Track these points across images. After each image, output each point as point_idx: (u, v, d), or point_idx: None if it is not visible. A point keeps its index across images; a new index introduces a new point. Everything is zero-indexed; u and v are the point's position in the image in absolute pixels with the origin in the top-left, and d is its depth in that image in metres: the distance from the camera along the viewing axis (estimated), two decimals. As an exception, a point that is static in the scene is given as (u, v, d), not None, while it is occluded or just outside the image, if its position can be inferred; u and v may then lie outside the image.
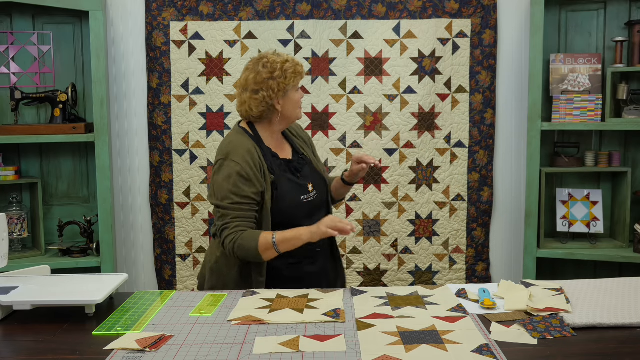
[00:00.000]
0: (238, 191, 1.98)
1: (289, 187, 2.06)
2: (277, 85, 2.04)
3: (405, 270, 3.36)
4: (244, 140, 2.07)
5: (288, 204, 2.04)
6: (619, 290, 1.86)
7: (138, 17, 3.26)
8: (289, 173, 2.10)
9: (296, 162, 2.14)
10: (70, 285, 1.88)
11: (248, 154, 2.02)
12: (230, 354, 1.45)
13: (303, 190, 2.09)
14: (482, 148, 3.31)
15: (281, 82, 2.04)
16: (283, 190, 2.05)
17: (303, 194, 2.08)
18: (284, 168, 2.10)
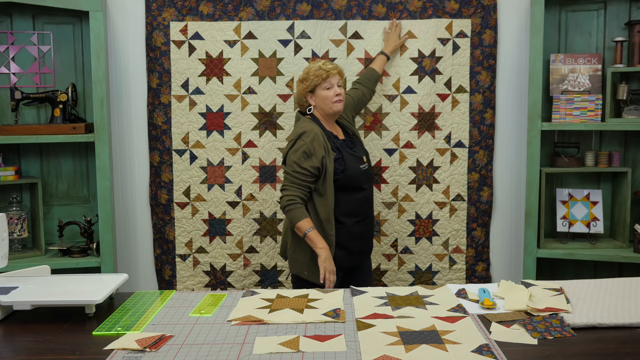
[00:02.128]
0: (299, 163, 2.59)
1: (351, 159, 2.69)
2: (305, 86, 2.74)
3: (405, 270, 3.36)
4: (313, 126, 2.68)
5: (353, 172, 2.66)
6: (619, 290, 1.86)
7: (138, 17, 3.26)
8: (348, 149, 2.73)
9: (349, 141, 2.78)
10: (70, 285, 1.88)
11: (315, 136, 2.62)
12: (230, 354, 1.45)
13: (360, 161, 2.72)
14: (482, 148, 3.31)
15: (307, 83, 2.73)
16: (348, 161, 2.66)
17: (361, 163, 2.72)
18: (344, 146, 2.72)
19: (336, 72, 2.73)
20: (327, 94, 2.70)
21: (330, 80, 2.70)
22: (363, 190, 2.71)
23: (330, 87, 2.70)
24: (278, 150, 3.27)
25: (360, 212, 2.72)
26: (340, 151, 2.68)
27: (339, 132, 2.80)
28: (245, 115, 3.27)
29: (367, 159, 2.79)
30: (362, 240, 2.75)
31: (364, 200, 2.72)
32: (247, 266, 3.34)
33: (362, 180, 2.70)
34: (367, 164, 2.77)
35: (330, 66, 2.73)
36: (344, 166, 2.65)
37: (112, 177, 3.25)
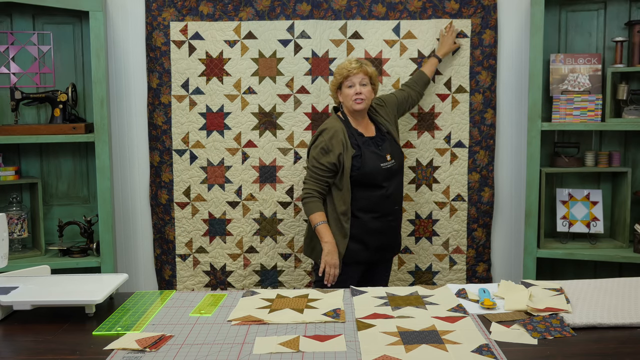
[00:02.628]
0: (318, 159, 2.71)
1: (371, 156, 2.71)
2: (333, 83, 2.82)
3: (405, 270, 3.36)
4: (336, 123, 2.76)
5: (370, 169, 2.69)
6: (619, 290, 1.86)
7: (138, 17, 3.26)
8: (372, 147, 2.74)
9: (378, 138, 2.79)
10: (70, 285, 1.88)
11: (335, 133, 2.71)
12: (230, 354, 1.45)
13: (382, 159, 2.73)
14: (482, 148, 3.31)
15: (334, 80, 2.82)
16: (366, 158, 2.70)
17: (383, 162, 2.73)
18: (368, 143, 2.75)
19: (359, 71, 2.73)
20: (348, 92, 2.74)
21: (352, 78, 2.72)
22: (382, 188, 2.72)
23: (351, 86, 2.73)
24: (278, 150, 3.27)
25: (378, 209, 2.74)
26: (361, 148, 2.71)
27: (369, 129, 2.82)
28: (245, 115, 3.27)
29: (393, 158, 2.78)
30: (381, 236, 2.77)
31: (382, 197, 2.73)
32: (247, 266, 3.34)
33: (380, 178, 2.71)
34: (393, 163, 2.77)
35: (355, 65, 2.74)
36: (361, 163, 2.69)
37: (112, 177, 3.25)
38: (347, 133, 2.73)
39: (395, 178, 2.79)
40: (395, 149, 2.83)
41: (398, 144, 2.88)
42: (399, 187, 2.84)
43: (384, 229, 2.77)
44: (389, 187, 2.74)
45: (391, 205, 2.78)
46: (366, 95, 2.74)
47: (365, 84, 2.74)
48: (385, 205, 2.75)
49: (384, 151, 2.76)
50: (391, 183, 2.76)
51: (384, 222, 2.76)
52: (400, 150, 2.88)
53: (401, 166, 2.86)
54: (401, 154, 2.88)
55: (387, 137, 2.83)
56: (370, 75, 2.78)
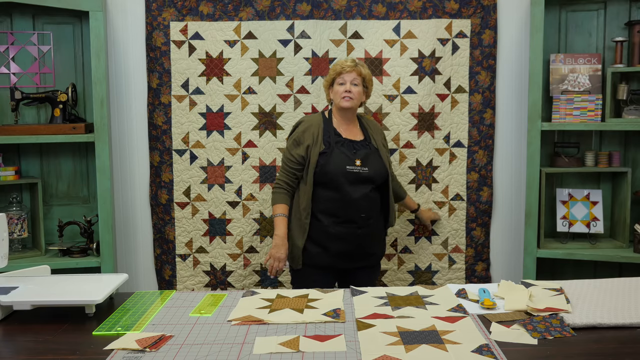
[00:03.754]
0: (289, 149, 2.73)
1: (339, 157, 2.63)
2: (326, 79, 2.81)
3: (404, 270, 3.36)
4: (314, 117, 2.78)
5: (333, 169, 2.61)
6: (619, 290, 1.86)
7: (138, 17, 3.26)
8: (344, 148, 2.67)
9: (358, 144, 2.72)
10: (70, 285, 1.88)
11: (309, 126, 2.71)
12: (230, 354, 1.45)
13: (350, 162, 2.63)
14: (481, 148, 3.31)
15: (327, 77, 2.80)
16: (333, 157, 2.63)
17: (350, 164, 2.63)
18: (342, 143, 2.69)
19: (352, 70, 2.71)
20: (338, 89, 2.72)
21: (344, 76, 2.71)
22: (344, 192, 2.62)
23: (343, 83, 2.71)
24: (278, 150, 3.27)
25: (340, 213, 2.64)
26: (331, 146, 2.66)
27: (353, 133, 2.77)
28: (245, 115, 3.27)
29: (367, 166, 2.66)
30: (343, 243, 2.66)
31: (345, 202, 2.62)
32: (247, 266, 3.34)
33: (342, 180, 2.61)
34: (365, 170, 2.65)
35: (349, 63, 2.73)
36: (325, 161, 2.63)
37: (112, 177, 3.25)
38: (322, 129, 2.70)
39: (364, 186, 2.65)
40: (376, 162, 2.71)
41: (383, 161, 2.75)
42: (370, 196, 2.68)
43: (347, 235, 2.65)
44: (352, 192, 2.62)
45: (355, 212, 2.63)
46: (355, 95, 2.70)
47: (357, 84, 2.71)
48: (347, 211, 2.63)
49: (356, 155, 2.67)
50: (357, 189, 2.63)
51: (347, 228, 2.64)
52: (384, 166, 2.74)
53: (379, 178, 2.71)
54: (383, 170, 2.73)
55: (371, 148, 2.75)
56: (364, 76, 2.75)
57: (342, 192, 2.62)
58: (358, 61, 2.79)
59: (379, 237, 2.81)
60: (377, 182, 2.70)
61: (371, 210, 2.68)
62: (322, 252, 2.67)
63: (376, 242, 2.80)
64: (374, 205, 2.71)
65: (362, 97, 2.78)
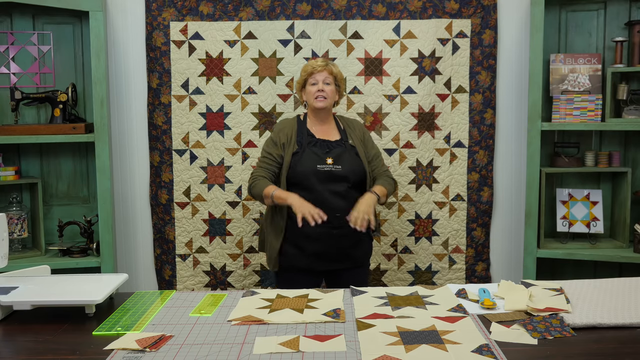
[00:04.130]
0: (267, 149, 2.72)
1: (310, 156, 2.62)
2: (298, 81, 2.79)
3: (405, 270, 3.36)
4: (288, 120, 2.81)
5: (304, 168, 2.60)
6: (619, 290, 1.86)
7: (138, 17, 3.26)
8: (317, 148, 2.66)
9: (332, 144, 2.69)
10: (70, 285, 1.88)
11: (283, 127, 2.74)
12: (230, 354, 1.45)
13: (321, 161, 2.61)
14: (482, 148, 3.31)
15: (299, 79, 2.77)
16: (303, 157, 2.62)
17: (321, 163, 2.61)
18: (314, 144, 2.67)
19: (323, 69, 2.69)
20: (310, 90, 2.70)
21: (316, 76, 2.68)
22: (314, 191, 2.57)
23: (315, 83, 2.68)
24: (278, 150, 3.27)
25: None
26: (303, 147, 2.65)
27: (328, 133, 2.73)
28: (245, 115, 3.27)
29: (341, 164, 2.61)
30: (318, 243, 2.59)
31: (318, 201, 2.53)
32: (247, 266, 3.34)
33: (313, 179, 2.58)
34: (338, 168, 2.60)
35: (320, 63, 2.71)
36: (296, 161, 2.61)
37: (112, 177, 3.25)
38: (296, 130, 2.70)
39: (338, 184, 2.60)
40: (351, 160, 2.65)
41: (359, 159, 2.68)
42: (346, 195, 2.60)
43: (321, 236, 2.57)
44: (324, 191, 2.57)
45: (328, 211, 2.52)
46: (328, 94, 2.68)
47: (329, 83, 2.69)
48: (321, 209, 2.50)
49: (328, 154, 2.63)
50: (329, 188, 2.58)
51: (322, 228, 2.52)
52: (360, 164, 2.67)
53: (354, 175, 2.64)
54: (359, 168, 2.66)
55: (346, 147, 2.69)
56: (335, 75, 2.73)
57: (314, 192, 2.57)
58: (329, 61, 2.78)
59: (359, 237, 2.67)
60: (353, 180, 2.64)
61: (347, 210, 2.57)
62: (299, 253, 2.62)
63: (357, 243, 2.68)
64: (351, 205, 2.58)
65: (335, 95, 2.76)
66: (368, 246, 2.79)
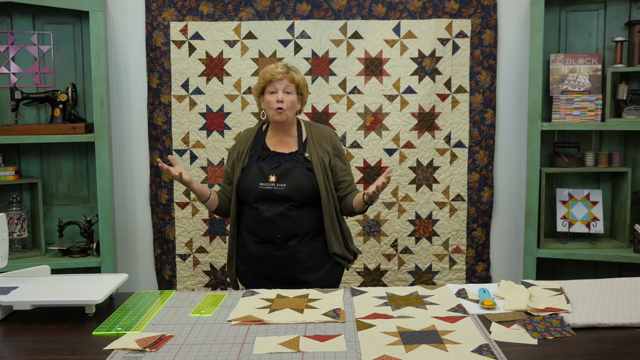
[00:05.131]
0: (225, 166, 2.57)
1: (254, 173, 2.41)
2: (257, 88, 2.50)
3: (405, 270, 3.36)
4: (249, 130, 2.57)
5: (246, 186, 2.40)
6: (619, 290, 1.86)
7: (138, 17, 3.26)
8: (264, 163, 2.42)
9: (284, 157, 2.43)
10: (70, 285, 1.88)
11: (240, 140, 2.53)
12: (230, 354, 1.45)
13: (263, 178, 2.38)
14: (482, 148, 3.31)
15: (257, 85, 2.49)
16: (249, 174, 2.41)
17: (262, 181, 2.38)
18: (263, 158, 2.44)
19: (284, 77, 2.40)
20: (269, 99, 2.41)
21: (275, 84, 2.40)
22: (255, 210, 2.37)
23: (274, 92, 2.40)
24: (278, 150, 3.27)
25: (257, 232, 2.39)
26: (252, 161, 2.43)
27: (284, 144, 2.47)
28: (245, 115, 3.27)
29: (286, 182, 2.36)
30: (262, 264, 2.39)
31: (261, 220, 2.36)
32: (247, 266, 3.34)
33: (253, 197, 2.37)
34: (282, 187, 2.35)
35: (280, 69, 2.42)
36: (242, 177, 2.42)
37: (112, 177, 3.25)
38: (251, 142, 2.49)
39: (280, 204, 2.35)
40: (298, 177, 2.37)
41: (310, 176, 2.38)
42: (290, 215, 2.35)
43: (263, 256, 2.38)
44: (266, 210, 2.34)
45: (270, 231, 2.35)
46: (288, 105, 2.40)
47: (290, 92, 2.41)
48: (262, 229, 2.37)
49: (273, 171, 2.39)
50: (271, 207, 2.35)
51: (265, 248, 2.37)
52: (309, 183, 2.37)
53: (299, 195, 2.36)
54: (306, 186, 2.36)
55: (298, 161, 2.41)
56: (297, 83, 2.45)
57: (256, 210, 2.38)
58: (290, 66, 2.49)
59: (309, 262, 2.39)
60: (300, 200, 2.36)
61: (293, 231, 2.36)
62: (247, 271, 2.47)
63: (304, 268, 2.39)
64: (298, 226, 2.37)
65: (297, 105, 2.48)
66: (333, 273, 2.48)
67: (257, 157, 2.43)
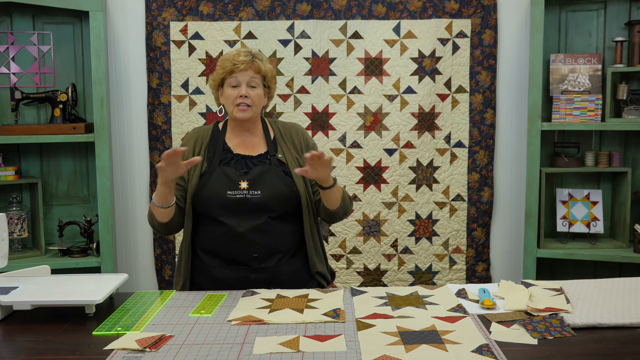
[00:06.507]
0: None
1: (219, 180, 2.00)
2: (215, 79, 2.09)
3: (405, 270, 3.36)
4: (200, 129, 2.15)
5: (209, 195, 1.99)
6: (619, 290, 1.86)
7: (138, 17, 3.26)
8: (230, 167, 2.03)
9: (252, 160, 2.06)
10: (70, 285, 1.88)
11: (192, 139, 2.11)
12: (230, 354, 1.45)
13: (232, 186, 1.99)
14: (482, 148, 3.31)
15: (215, 75, 2.09)
16: (211, 181, 2.00)
17: (231, 189, 1.98)
18: (228, 162, 2.04)
19: (248, 67, 2.01)
20: (230, 94, 2.03)
21: (237, 76, 2.02)
22: (225, 225, 1.99)
23: (236, 86, 2.03)
24: (278, 150, 3.27)
25: (225, 252, 2.02)
26: (212, 166, 2.04)
27: (249, 146, 2.10)
28: (245, 115, 3.26)
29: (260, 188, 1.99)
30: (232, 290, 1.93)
31: (229, 238, 1.99)
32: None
33: (219, 210, 1.99)
34: (257, 195, 1.99)
35: (243, 57, 2.01)
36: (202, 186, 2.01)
37: (112, 177, 3.25)
38: (207, 143, 2.09)
39: (256, 215, 1.99)
40: (274, 182, 2.02)
41: (287, 180, 2.04)
42: (267, 229, 2.00)
43: (236, 282, 1.98)
44: (237, 225, 1.97)
45: (242, 250, 2.00)
46: (254, 101, 2.02)
47: (255, 86, 2.04)
48: (231, 248, 2.00)
49: (243, 176, 2.01)
50: (244, 221, 1.98)
51: (237, 272, 2.01)
52: (291, 186, 2.04)
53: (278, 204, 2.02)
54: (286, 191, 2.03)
55: (271, 163, 2.05)
56: (264, 74, 2.06)
57: (224, 225, 1.99)
58: (255, 52, 2.07)
59: (290, 285, 1.99)
60: (279, 209, 2.02)
61: (272, 248, 2.02)
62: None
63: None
64: (278, 241, 2.03)
65: (264, 100, 2.10)
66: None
67: (219, 161, 2.04)
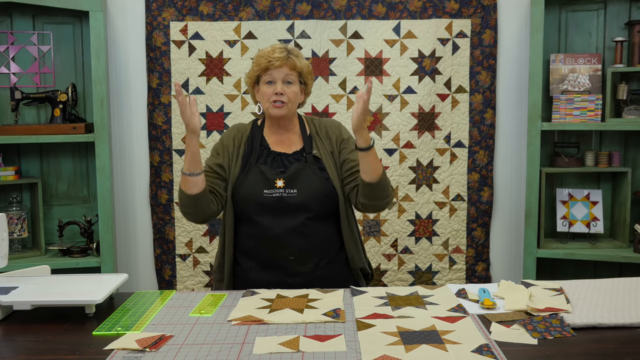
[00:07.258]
0: (207, 161, 2.10)
1: (256, 178, 1.99)
2: (250, 77, 2.10)
3: (405, 270, 3.36)
4: (241, 125, 2.17)
5: (246, 194, 1.98)
6: (619, 290, 1.86)
7: (138, 17, 3.26)
8: (267, 165, 2.01)
9: (288, 158, 2.03)
10: (70, 285, 1.88)
11: (231, 134, 2.11)
12: (230, 354, 1.45)
13: (268, 184, 1.96)
14: (482, 148, 3.31)
15: (250, 73, 2.09)
16: (247, 179, 1.99)
17: (268, 187, 1.95)
18: (265, 160, 2.03)
19: (283, 64, 1.99)
20: (265, 91, 2.01)
21: (273, 73, 2.00)
22: (257, 225, 1.96)
23: (271, 82, 2.01)
24: (278, 150, 3.27)
25: (260, 255, 1.99)
26: (249, 163, 2.01)
27: (285, 143, 2.08)
28: (245, 115, 3.26)
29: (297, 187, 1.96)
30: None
31: (265, 240, 1.97)
32: (247, 266, 3.34)
33: (256, 209, 1.96)
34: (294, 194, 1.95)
35: (278, 54, 1.99)
36: (240, 185, 1.99)
37: (112, 177, 3.25)
38: (246, 140, 2.06)
39: (293, 216, 1.95)
40: (311, 180, 1.98)
41: (324, 178, 2.01)
42: (304, 231, 1.97)
43: (271, 286, 1.93)
44: (273, 226, 1.94)
45: (279, 252, 1.96)
46: (290, 98, 2.00)
47: (292, 82, 2.01)
48: (267, 250, 1.97)
49: (280, 174, 1.97)
50: (280, 221, 1.94)
51: (273, 276, 1.97)
52: (327, 184, 2.00)
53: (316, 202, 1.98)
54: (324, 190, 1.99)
55: (307, 161, 2.02)
56: (300, 70, 2.04)
57: (259, 226, 1.96)
58: (291, 49, 2.05)
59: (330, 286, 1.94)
60: (316, 209, 1.97)
61: (310, 251, 1.98)
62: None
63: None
64: (316, 243, 1.99)
65: (300, 96, 2.08)
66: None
67: (257, 158, 2.02)
